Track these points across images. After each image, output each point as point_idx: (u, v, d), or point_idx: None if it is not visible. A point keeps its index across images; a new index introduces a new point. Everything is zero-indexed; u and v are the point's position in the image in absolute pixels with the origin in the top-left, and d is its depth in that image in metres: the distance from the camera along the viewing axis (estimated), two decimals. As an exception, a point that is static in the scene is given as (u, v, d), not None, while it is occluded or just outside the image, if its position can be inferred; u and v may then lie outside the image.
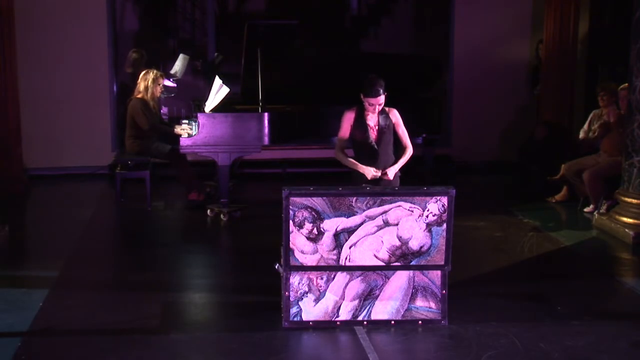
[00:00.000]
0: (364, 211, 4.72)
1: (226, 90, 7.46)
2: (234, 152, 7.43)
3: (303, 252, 4.76)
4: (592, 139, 8.12)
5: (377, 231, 4.75)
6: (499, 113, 10.33)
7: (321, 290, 4.82)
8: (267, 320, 4.91)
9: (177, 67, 9.44)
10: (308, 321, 4.82)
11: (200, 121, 7.31)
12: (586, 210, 7.78)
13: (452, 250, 4.80)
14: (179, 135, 7.61)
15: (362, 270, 4.82)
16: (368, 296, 4.84)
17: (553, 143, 9.22)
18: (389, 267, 4.81)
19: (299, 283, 4.81)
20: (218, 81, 7.53)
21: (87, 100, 9.74)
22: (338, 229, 4.74)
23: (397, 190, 4.80)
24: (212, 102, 7.52)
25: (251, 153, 7.61)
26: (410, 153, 5.75)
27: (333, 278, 4.82)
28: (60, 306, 5.21)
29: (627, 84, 7.03)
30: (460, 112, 10.30)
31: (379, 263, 4.80)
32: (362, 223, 4.74)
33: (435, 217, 4.73)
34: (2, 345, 4.54)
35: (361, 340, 4.65)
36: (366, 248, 4.77)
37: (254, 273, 5.90)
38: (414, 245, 4.77)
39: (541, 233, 7.11)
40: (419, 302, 4.86)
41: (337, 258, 4.78)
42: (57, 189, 9.19)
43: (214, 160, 7.43)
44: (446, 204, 4.72)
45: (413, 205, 4.72)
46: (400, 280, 4.84)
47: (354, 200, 4.72)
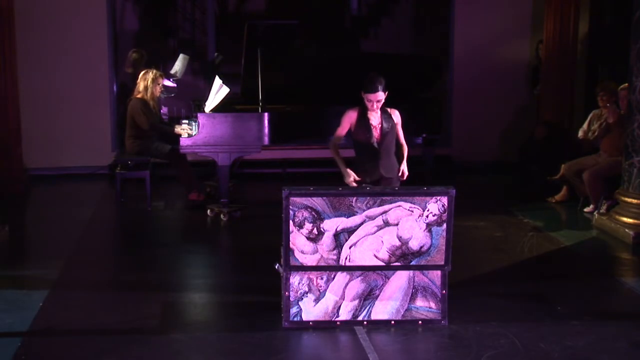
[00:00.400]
0: (364, 211, 4.72)
1: (226, 90, 7.46)
2: (234, 152, 7.43)
3: (303, 252, 4.76)
4: (592, 139, 8.12)
5: (377, 231, 4.75)
6: (499, 113, 10.33)
7: (321, 290, 4.83)
8: (267, 320, 4.91)
9: (177, 67, 9.44)
10: (308, 321, 4.82)
11: (200, 121, 7.31)
12: (586, 210, 7.78)
13: (452, 250, 4.80)
14: (179, 135, 7.62)
15: (362, 270, 4.82)
16: (368, 296, 4.84)
17: (553, 143, 9.23)
18: (389, 267, 4.81)
19: (299, 283, 4.81)
20: (218, 81, 7.53)
21: (87, 100, 9.75)
22: (338, 229, 4.74)
23: (397, 190, 4.80)
24: (212, 102, 7.52)
25: (251, 153, 7.61)
26: (406, 150, 5.79)
27: (333, 278, 4.83)
28: (60, 306, 5.21)
29: (627, 84, 7.03)
30: (460, 112, 10.30)
31: (379, 263, 4.80)
32: (362, 223, 4.74)
33: (435, 217, 4.73)
34: (2, 345, 4.54)
35: (361, 340, 4.65)
36: (366, 248, 4.77)
37: (254, 273, 5.91)
38: (414, 245, 4.77)
39: (541, 233, 7.11)
40: (419, 302, 4.86)
41: (337, 258, 4.78)
42: (57, 189, 9.19)
43: (214, 160, 7.43)
44: (446, 204, 4.72)
45: (413, 205, 4.72)
46: (400, 280, 4.84)
47: (354, 200, 4.72)
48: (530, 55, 10.38)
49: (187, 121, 7.88)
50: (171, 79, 9.09)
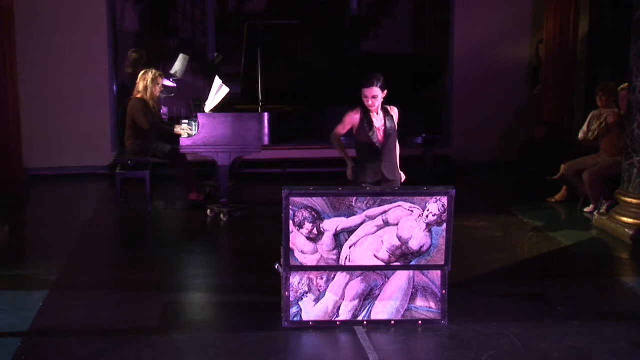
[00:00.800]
0: (364, 211, 4.72)
1: (226, 90, 7.46)
2: (234, 152, 7.42)
3: (303, 252, 4.76)
4: (592, 140, 8.12)
5: (377, 231, 4.75)
6: (499, 113, 10.33)
7: (321, 290, 4.83)
8: (267, 320, 4.91)
9: (177, 67, 9.44)
10: (308, 321, 4.82)
11: (200, 121, 7.31)
12: (586, 210, 7.78)
13: (452, 250, 4.80)
14: (179, 135, 7.62)
15: (362, 270, 4.82)
16: (368, 296, 4.84)
17: (553, 143, 9.23)
18: (389, 267, 4.81)
19: (299, 283, 4.81)
20: (218, 81, 7.53)
21: (87, 100, 9.75)
22: (338, 229, 4.74)
23: (397, 190, 4.80)
24: (212, 102, 7.52)
25: (251, 153, 7.61)
26: (399, 150, 5.75)
27: (333, 278, 4.83)
28: (60, 306, 5.21)
29: (627, 84, 7.03)
30: (460, 112, 10.29)
31: (379, 263, 4.80)
32: (362, 223, 4.74)
33: (435, 217, 4.73)
34: (2, 345, 4.54)
35: (361, 340, 4.65)
36: (366, 248, 4.77)
37: (254, 273, 5.90)
38: (414, 245, 4.77)
39: (541, 233, 7.11)
40: (419, 302, 4.86)
41: (337, 258, 4.78)
42: (57, 189, 9.19)
43: (214, 160, 7.43)
44: (446, 204, 4.72)
45: (413, 205, 4.72)
46: (400, 280, 4.84)
47: (354, 200, 4.72)
48: (530, 55, 10.38)
49: (187, 121, 7.88)
50: (171, 79, 9.10)
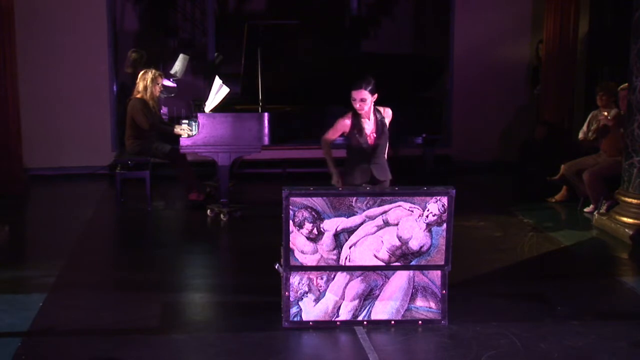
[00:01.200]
0: (364, 211, 4.72)
1: (226, 90, 7.46)
2: (234, 152, 7.42)
3: (303, 252, 4.76)
4: (592, 140, 8.12)
5: (377, 231, 4.75)
6: (499, 113, 10.33)
7: (321, 290, 4.83)
8: (267, 320, 4.91)
9: (177, 67, 9.44)
10: (308, 321, 4.82)
11: (200, 121, 7.31)
12: (586, 210, 7.78)
13: (452, 250, 4.80)
14: (179, 135, 7.62)
15: (362, 270, 4.82)
16: (368, 296, 4.84)
17: (553, 143, 9.23)
18: (389, 267, 4.81)
19: (299, 283, 4.81)
20: (218, 81, 7.53)
21: (87, 100, 9.75)
22: (338, 229, 4.74)
23: (397, 190, 4.80)
24: (212, 102, 7.52)
25: (251, 153, 7.61)
26: (387, 151, 5.72)
27: (333, 278, 4.83)
28: (60, 306, 5.21)
29: (627, 84, 7.03)
30: (460, 112, 10.29)
31: (379, 263, 4.80)
32: (362, 223, 4.74)
33: (435, 217, 4.73)
34: (2, 345, 4.54)
35: (361, 340, 4.65)
36: (366, 248, 4.77)
37: (254, 273, 5.90)
38: (414, 245, 4.77)
39: (541, 233, 7.11)
40: (419, 302, 4.86)
41: (337, 258, 4.78)
42: (57, 189, 9.19)
43: (214, 160, 7.43)
44: (446, 204, 4.72)
45: (413, 205, 4.72)
46: (400, 280, 4.84)
47: (354, 200, 4.72)
48: (530, 55, 10.38)
49: (187, 121, 7.88)
50: (171, 79, 9.10)
